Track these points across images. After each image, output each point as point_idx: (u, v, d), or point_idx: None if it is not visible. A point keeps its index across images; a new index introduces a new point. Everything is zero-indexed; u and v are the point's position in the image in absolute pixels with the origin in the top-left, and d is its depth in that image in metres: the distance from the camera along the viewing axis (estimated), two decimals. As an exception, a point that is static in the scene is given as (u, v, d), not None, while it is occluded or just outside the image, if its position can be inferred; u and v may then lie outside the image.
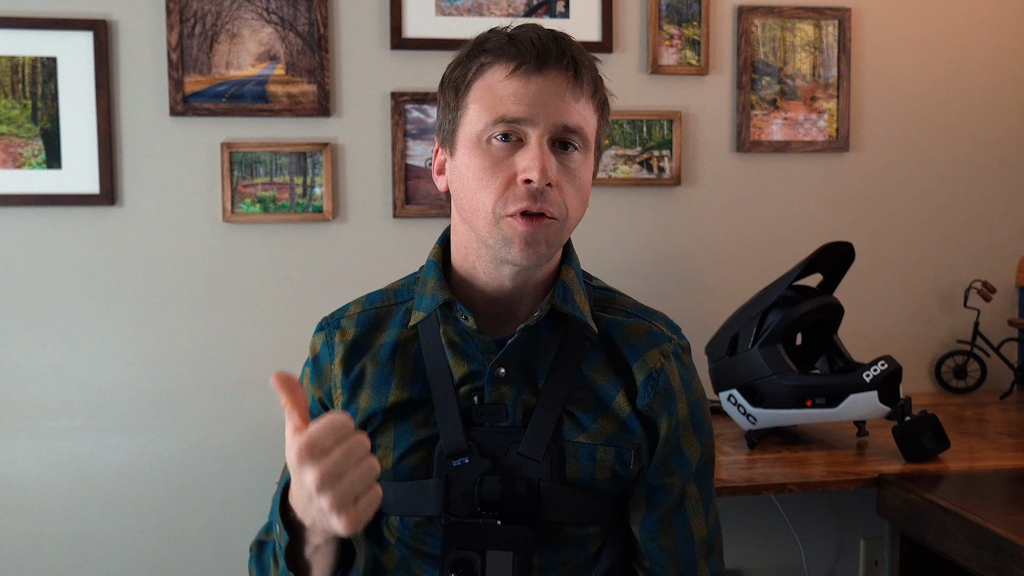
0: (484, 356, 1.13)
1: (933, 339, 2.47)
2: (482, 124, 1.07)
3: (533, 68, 1.06)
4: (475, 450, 1.10)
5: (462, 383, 1.13)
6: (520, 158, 1.06)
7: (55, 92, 2.08)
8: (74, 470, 2.13)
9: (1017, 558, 1.43)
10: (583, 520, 1.12)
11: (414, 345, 1.16)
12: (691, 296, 2.33)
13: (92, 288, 2.12)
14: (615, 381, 1.15)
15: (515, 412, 1.12)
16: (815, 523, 2.37)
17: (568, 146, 1.08)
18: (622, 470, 1.13)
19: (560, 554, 1.12)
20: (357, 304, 1.22)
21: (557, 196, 1.07)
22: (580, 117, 1.08)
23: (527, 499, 1.09)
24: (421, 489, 1.11)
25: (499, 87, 1.07)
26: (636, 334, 1.18)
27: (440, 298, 1.13)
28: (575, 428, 1.12)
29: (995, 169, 2.47)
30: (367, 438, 0.89)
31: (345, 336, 1.18)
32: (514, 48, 1.07)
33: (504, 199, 1.06)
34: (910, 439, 1.82)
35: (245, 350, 2.17)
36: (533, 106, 1.06)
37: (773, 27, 2.33)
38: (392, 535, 1.14)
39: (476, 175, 1.08)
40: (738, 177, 2.35)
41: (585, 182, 1.11)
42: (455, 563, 1.05)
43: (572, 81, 1.07)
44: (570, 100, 1.07)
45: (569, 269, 1.17)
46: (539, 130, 1.06)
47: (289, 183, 2.16)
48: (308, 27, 2.15)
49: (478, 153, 1.08)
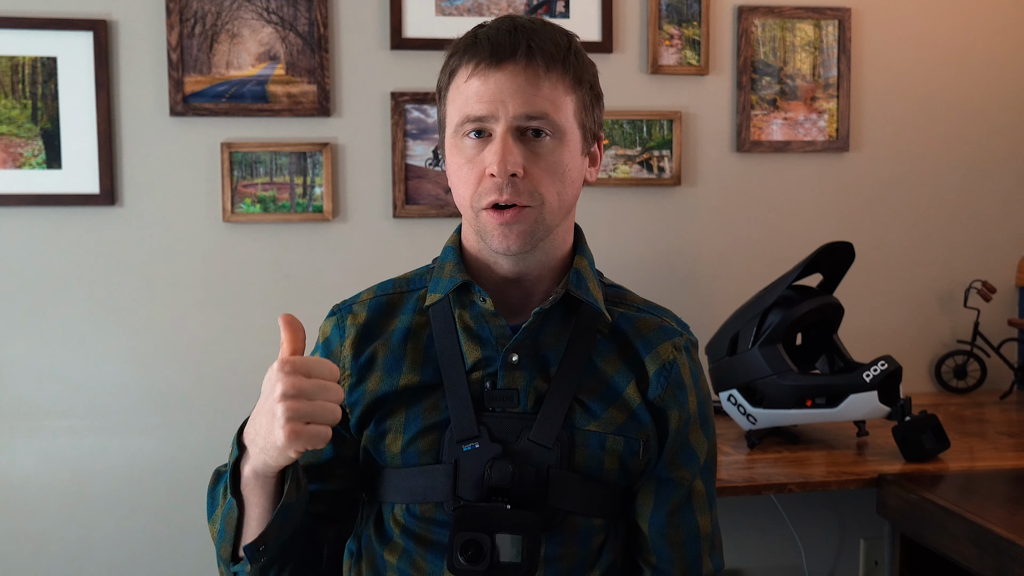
0: (498, 341, 1.14)
1: (933, 339, 2.47)
2: (454, 125, 1.12)
3: (490, 64, 1.09)
4: (486, 435, 1.11)
5: (474, 368, 1.14)
6: (487, 153, 1.10)
7: (55, 92, 2.08)
8: (74, 470, 2.13)
9: (1017, 558, 1.43)
10: (589, 510, 1.13)
11: (426, 331, 1.17)
12: (691, 296, 2.33)
13: (92, 288, 2.12)
14: (626, 372, 1.16)
15: (527, 398, 1.13)
16: (815, 523, 2.37)
17: (540, 133, 1.11)
18: (630, 460, 1.14)
19: (563, 546, 1.12)
20: (369, 291, 1.24)
21: (527, 185, 1.09)
22: (545, 103, 1.10)
23: (535, 485, 1.10)
24: (429, 474, 1.12)
25: (464, 88, 1.11)
26: (648, 327, 1.19)
27: (458, 279, 1.15)
28: (586, 416, 1.14)
29: (995, 169, 2.47)
30: (342, 391, 0.98)
31: (357, 320, 1.19)
32: (475, 47, 1.11)
33: (478, 193, 1.11)
34: (910, 439, 1.82)
35: (245, 350, 2.17)
36: (492, 102, 1.09)
37: (773, 27, 2.33)
38: (397, 525, 1.15)
39: (456, 172, 1.13)
40: (738, 177, 2.35)
41: (563, 164, 1.12)
42: (464, 545, 1.05)
43: (530, 69, 1.09)
44: (530, 90, 1.09)
45: (583, 259, 1.19)
46: (502, 124, 1.09)
47: (289, 183, 2.16)
48: (308, 27, 2.15)
49: (456, 151, 1.13)
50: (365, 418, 1.16)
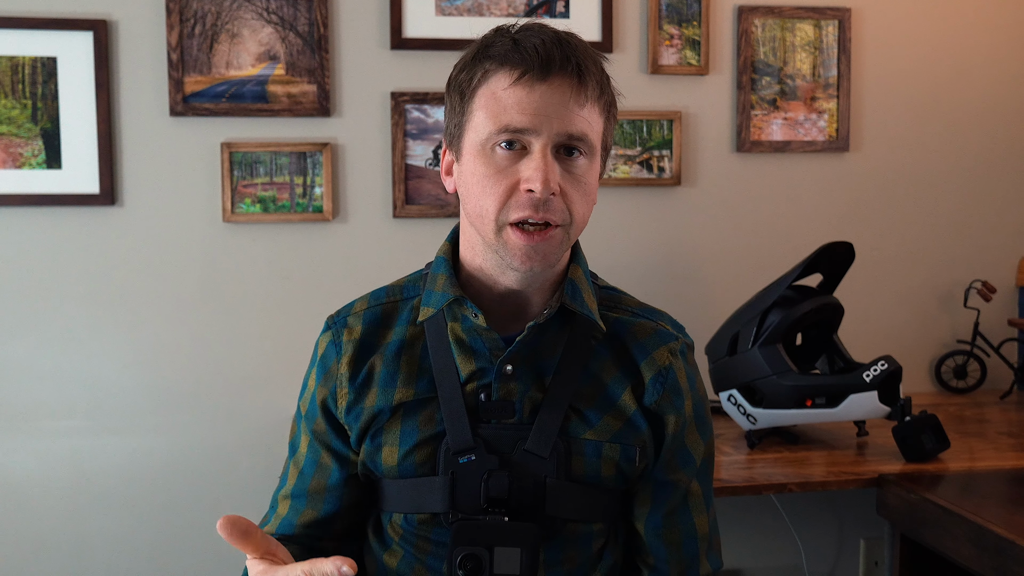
0: (492, 353, 1.13)
1: (933, 339, 2.47)
2: (486, 132, 1.07)
3: (537, 76, 1.05)
4: (482, 447, 1.10)
5: (469, 380, 1.13)
6: (524, 167, 1.06)
7: (55, 92, 2.08)
8: (74, 470, 2.13)
9: (1017, 558, 1.43)
10: (588, 517, 1.13)
11: (420, 341, 1.16)
12: (691, 296, 2.32)
13: (92, 288, 2.12)
14: (621, 379, 1.15)
15: (522, 409, 1.12)
16: (815, 523, 2.37)
17: (573, 151, 1.08)
18: (627, 467, 1.14)
19: (564, 551, 1.12)
20: (363, 301, 1.21)
21: (560, 204, 1.07)
22: (585, 123, 1.07)
23: (533, 496, 1.09)
24: (427, 486, 1.11)
25: (503, 95, 1.06)
26: (644, 332, 1.18)
27: (450, 295, 1.13)
28: (582, 425, 1.13)
29: (995, 169, 2.47)
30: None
31: (352, 334, 1.17)
32: (518, 55, 1.06)
33: (507, 207, 1.06)
34: (910, 439, 1.82)
35: (245, 350, 2.18)
36: (537, 116, 1.05)
37: (773, 27, 2.33)
38: (396, 532, 1.15)
39: (480, 182, 1.07)
40: (738, 177, 2.35)
41: (591, 185, 1.11)
42: (464, 559, 1.05)
43: (576, 88, 1.07)
44: (574, 108, 1.06)
45: (577, 268, 1.17)
46: (543, 140, 1.05)
47: (289, 183, 2.16)
48: (308, 27, 2.15)
49: (483, 160, 1.07)
50: (362, 433, 1.15)
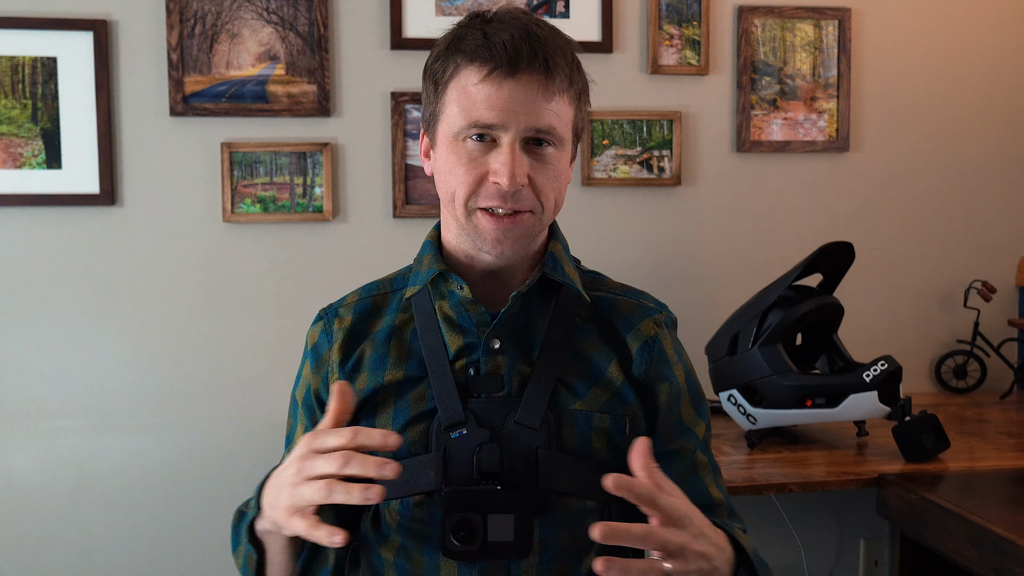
0: (478, 328, 1.16)
1: (933, 339, 2.47)
2: (458, 126, 1.10)
3: (505, 73, 1.08)
4: (472, 421, 1.12)
5: (458, 357, 1.15)
6: (492, 159, 1.10)
7: (55, 92, 2.08)
8: (74, 470, 2.13)
9: (1017, 558, 1.43)
10: (580, 491, 1.13)
11: (410, 326, 1.19)
12: (691, 296, 2.32)
13: (92, 288, 2.12)
14: (607, 352, 1.18)
15: (511, 382, 1.14)
16: (815, 523, 2.37)
17: (542, 142, 1.11)
18: (618, 439, 1.15)
19: (558, 529, 1.13)
20: (354, 294, 1.25)
21: (530, 193, 1.11)
22: (553, 116, 1.10)
23: (525, 468, 1.10)
24: (420, 464, 1.12)
25: (473, 91, 1.09)
26: (628, 307, 1.22)
27: (435, 269, 1.16)
28: (571, 396, 1.15)
29: (995, 169, 2.47)
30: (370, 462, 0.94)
31: (343, 323, 1.21)
32: (487, 51, 1.08)
33: (476, 195, 1.11)
34: (910, 439, 1.82)
35: (245, 350, 2.17)
36: (505, 112, 1.08)
37: (773, 27, 2.33)
38: (393, 519, 1.15)
39: (452, 170, 1.12)
40: (738, 177, 2.35)
41: (561, 171, 1.14)
42: (457, 525, 1.05)
43: (544, 83, 1.09)
44: (542, 103, 1.09)
45: (557, 243, 1.21)
46: (511, 134, 1.09)
47: (289, 183, 2.16)
48: (308, 27, 2.15)
49: (455, 150, 1.11)
50: (355, 418, 1.17)
